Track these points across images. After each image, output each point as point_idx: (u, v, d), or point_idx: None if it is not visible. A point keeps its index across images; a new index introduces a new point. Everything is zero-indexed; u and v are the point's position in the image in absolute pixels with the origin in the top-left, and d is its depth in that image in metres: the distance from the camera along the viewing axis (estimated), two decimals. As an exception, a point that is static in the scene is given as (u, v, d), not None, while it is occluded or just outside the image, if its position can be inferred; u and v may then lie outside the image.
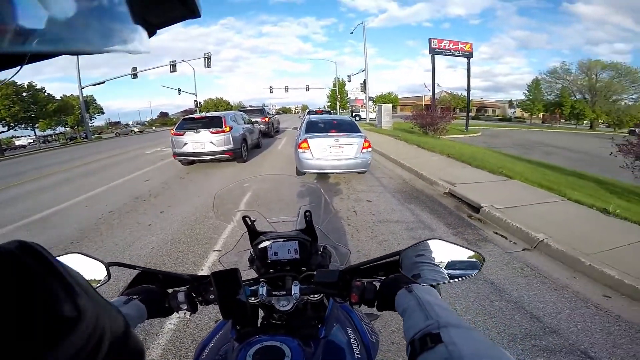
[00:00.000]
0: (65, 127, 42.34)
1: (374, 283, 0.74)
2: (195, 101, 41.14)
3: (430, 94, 27.26)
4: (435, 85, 27.28)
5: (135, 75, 29.50)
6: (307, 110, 21.68)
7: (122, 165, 9.97)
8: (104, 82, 30.86)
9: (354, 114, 33.78)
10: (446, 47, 26.45)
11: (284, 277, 0.85)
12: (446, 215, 4.60)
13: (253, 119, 12.52)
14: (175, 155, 8.24)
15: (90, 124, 35.80)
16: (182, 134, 8.02)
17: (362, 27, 28.36)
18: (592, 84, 45.95)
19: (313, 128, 6.74)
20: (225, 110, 41.70)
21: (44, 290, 0.27)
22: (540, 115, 53.65)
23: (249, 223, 0.93)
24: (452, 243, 0.69)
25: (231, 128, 8.35)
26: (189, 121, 8.51)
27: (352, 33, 31.57)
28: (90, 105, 46.28)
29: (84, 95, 30.98)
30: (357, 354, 0.79)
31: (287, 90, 46.22)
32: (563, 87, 48.72)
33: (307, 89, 47.85)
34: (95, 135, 38.12)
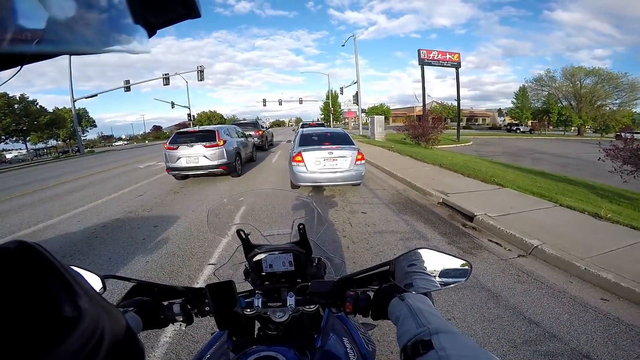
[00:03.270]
0: (57, 141, 41.97)
1: (368, 293, 0.76)
2: (189, 114, 41.19)
3: (421, 104, 27.70)
4: (426, 95, 27.80)
5: (128, 89, 29.53)
6: (301, 123, 21.82)
7: (115, 180, 9.88)
8: (96, 95, 30.92)
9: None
10: (435, 58, 27.02)
11: (279, 289, 0.86)
12: (440, 224, 4.64)
13: (247, 133, 12.53)
14: (169, 169, 8.15)
15: (82, 137, 35.50)
16: (176, 148, 7.94)
17: (353, 39, 28.92)
18: (577, 90, 47.25)
19: (307, 141, 6.76)
20: (218, 123, 41.83)
21: (44, 290, 0.26)
22: (529, 122, 54.82)
23: (243, 236, 0.94)
24: (441, 252, 0.72)
25: (225, 142, 8.32)
26: (183, 135, 8.44)
27: (343, 45, 32.36)
28: (83, 118, 46.04)
29: (77, 108, 30.80)
30: None
31: (280, 103, 46.67)
32: (549, 94, 50.05)
33: (301, 101, 48.33)
34: (88, 148, 37.81)
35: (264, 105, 44.51)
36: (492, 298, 2.78)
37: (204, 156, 7.92)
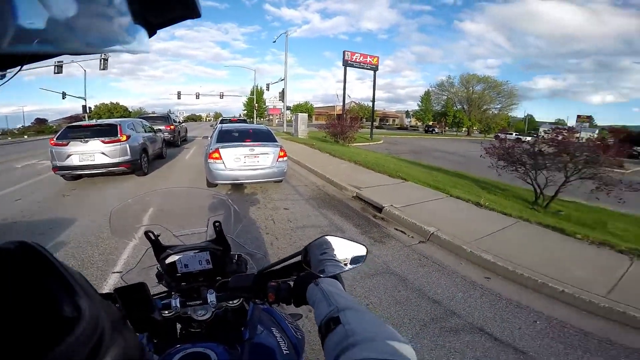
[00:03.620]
0: None
1: (289, 282, 0.81)
2: (84, 106, 35.30)
3: (342, 104, 29.09)
4: (346, 96, 29.30)
5: (2, 77, 23.67)
6: (220, 118, 20.66)
7: (-21, 184, 7.92)
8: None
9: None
10: (357, 60, 28.52)
11: (198, 288, 0.85)
12: (354, 217, 5.03)
13: (156, 127, 11.39)
14: (56, 169, 6.97)
15: None
16: (66, 144, 6.86)
17: (285, 36, 28.60)
18: (469, 95, 55.51)
19: (226, 137, 6.50)
20: (121, 117, 36.83)
21: (44, 290, 0.26)
22: (430, 123, 62.41)
23: (153, 238, 0.90)
24: (344, 238, 0.82)
25: (128, 137, 7.47)
26: (75, 129, 7.35)
27: (274, 42, 31.72)
28: None
29: None
30: (285, 350, 0.83)
31: (197, 96, 43.37)
32: (448, 98, 57.59)
33: (222, 96, 45.69)
34: None
35: (179, 98, 40.99)
36: (401, 282, 3.12)
37: (102, 153, 7.02)
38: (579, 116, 48.05)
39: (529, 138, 9.47)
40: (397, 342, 0.46)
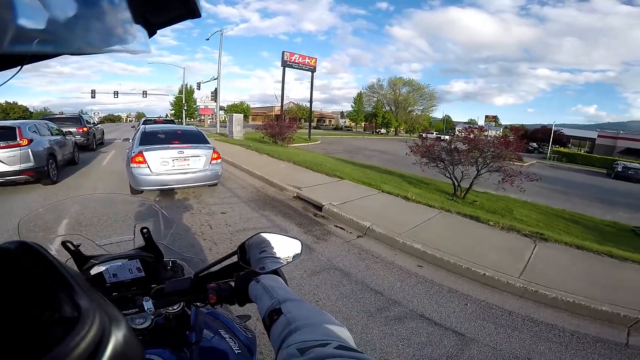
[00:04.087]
0: None
1: (230, 282, 0.81)
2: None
3: (280, 104, 28.95)
4: (285, 96, 29.24)
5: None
6: (144, 119, 18.80)
7: None
8: None
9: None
10: (296, 61, 28.64)
11: (132, 296, 0.81)
12: (296, 216, 5.08)
13: (66, 129, 9.97)
14: None
15: None
16: None
17: (220, 34, 27.15)
18: (396, 97, 59.96)
19: (151, 139, 5.94)
20: (21, 118, 31.26)
21: (44, 291, 0.26)
22: (363, 124, 65.88)
23: (72, 248, 0.84)
24: (279, 234, 0.84)
25: (30, 141, 6.50)
26: None
27: (208, 39, 30.20)
28: None
29: None
30: (236, 350, 0.83)
31: (116, 95, 39.00)
32: (377, 100, 61.47)
33: (145, 94, 41.88)
34: None
35: (93, 97, 36.39)
36: (345, 276, 3.24)
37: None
38: (486, 116, 55.60)
39: (447, 137, 10.64)
40: (333, 325, 0.50)
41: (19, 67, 0.28)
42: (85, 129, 13.11)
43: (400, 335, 2.45)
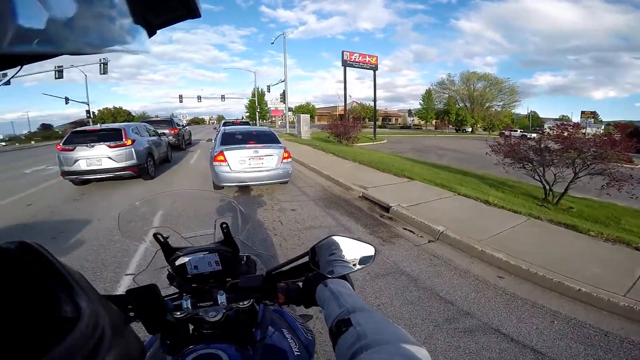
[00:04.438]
0: None
1: (298, 283, 0.82)
2: (88, 111, 35.61)
3: (343, 104, 29.07)
4: (347, 96, 29.29)
5: (7, 82, 23.95)
6: (223, 121, 20.73)
7: (-12, 190, 8.02)
8: (-46, 87, 24.39)
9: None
10: (356, 60, 28.48)
11: (208, 289, 0.85)
12: (362, 216, 5.02)
13: (161, 131, 11.41)
14: (65, 174, 7.02)
15: None
16: (72, 149, 6.88)
17: (283, 38, 28.75)
18: (471, 93, 55.19)
19: (230, 140, 6.53)
20: (125, 121, 37.12)
21: (44, 290, 0.26)
22: (433, 122, 62.15)
23: (162, 240, 0.90)
24: (352, 238, 0.81)
25: (133, 141, 7.51)
26: (81, 134, 7.37)
27: (272, 43, 32.10)
28: None
29: None
30: (296, 351, 0.83)
31: (199, 99, 43.59)
32: (449, 96, 57.37)
33: (223, 98, 45.98)
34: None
35: (180, 101, 41.13)
36: (412, 282, 3.08)
37: (109, 157, 7.04)
38: (583, 112, 47.61)
39: (534, 135, 9.36)
40: (411, 344, 0.45)
41: (19, 67, 0.28)
42: (176, 130, 14.90)
43: (468, 349, 2.24)
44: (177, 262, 0.88)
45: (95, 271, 3.25)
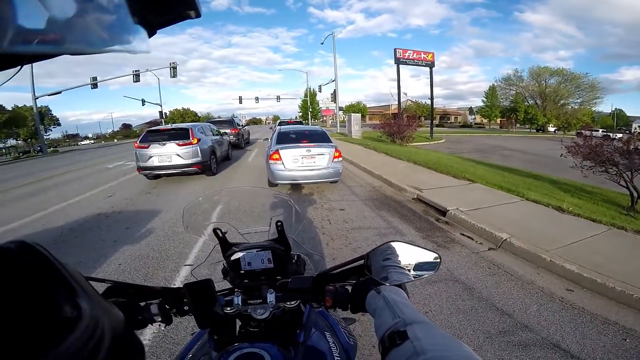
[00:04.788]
0: (17, 140, 39.29)
1: (346, 287, 0.79)
2: (161, 112, 39.81)
3: (397, 103, 28.26)
4: (401, 94, 28.39)
5: (95, 85, 28.06)
6: (279, 121, 21.77)
7: (82, 181, 9.38)
8: (60, 92, 29.14)
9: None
10: (410, 57, 27.55)
11: (259, 286, 0.86)
12: (415, 219, 4.79)
13: (222, 130, 12.23)
14: (140, 169, 7.84)
15: (45, 137, 33.37)
16: (147, 147, 7.66)
17: (332, 37, 29.01)
18: (542, 89, 49.81)
19: (284, 139, 6.69)
20: (192, 121, 40.72)
21: (44, 290, 0.26)
22: (498, 120, 57.28)
23: (220, 235, 0.93)
24: (413, 245, 0.75)
25: (199, 140, 8.10)
26: (154, 133, 8.17)
27: (322, 43, 32.60)
28: (45, 117, 43.32)
29: (39, 105, 28.91)
30: (336, 356, 0.81)
31: (257, 100, 45.99)
32: (517, 93, 52.43)
33: (278, 99, 47.91)
34: (51, 148, 35.60)
35: (240, 102, 43.79)
36: (466, 290, 2.88)
37: (177, 155, 7.70)
38: (681, 110, 39.74)
39: (619, 135, 8.05)
40: None
41: (19, 67, 0.28)
42: (236, 130, 15.91)
43: (520, 363, 2.02)
44: (233, 257, 0.91)
45: (159, 260, 3.57)
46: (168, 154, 7.68)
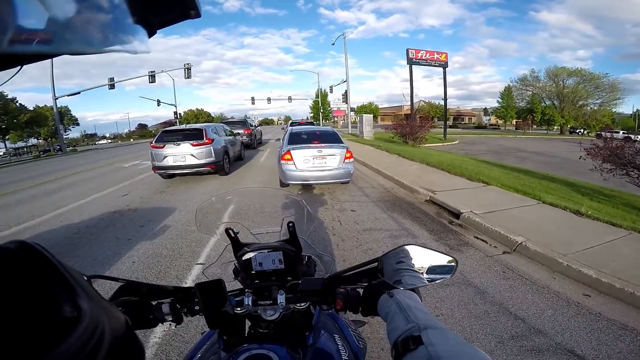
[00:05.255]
0: (38, 139, 40.77)
1: (358, 290, 0.77)
2: (175, 112, 40.52)
3: (409, 103, 27.98)
4: (414, 94, 28.10)
5: (112, 86, 28.81)
6: (290, 121, 22.05)
7: (98, 180, 9.63)
8: (79, 93, 30.05)
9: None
10: (423, 57, 27.26)
11: (269, 287, 0.86)
12: (428, 222, 4.71)
13: (235, 131, 12.39)
14: (155, 168, 8.02)
15: (64, 136, 34.50)
16: (162, 147, 7.80)
17: (343, 38, 29.02)
18: (560, 90, 48.50)
19: (296, 139, 6.72)
20: (205, 122, 41.46)
21: (44, 290, 0.26)
22: (514, 121, 56.07)
23: (232, 235, 0.93)
24: (428, 248, 0.73)
25: (212, 140, 8.22)
26: (169, 133, 8.33)
27: (333, 44, 32.62)
28: (65, 117, 44.75)
29: (59, 106, 29.89)
30: (345, 358, 0.80)
31: (269, 101, 46.30)
32: (533, 93, 51.22)
33: (290, 99, 48.07)
34: (70, 147, 36.77)
35: (252, 103, 44.14)
36: (479, 294, 2.83)
37: (191, 155, 7.82)
38: None
39: (642, 137, 7.76)
40: None
41: (19, 67, 0.27)
42: (249, 130, 16.15)
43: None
44: (244, 257, 0.91)
45: (172, 259, 3.61)
46: (182, 154, 7.80)
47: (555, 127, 50.30)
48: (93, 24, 0.27)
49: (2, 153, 33.80)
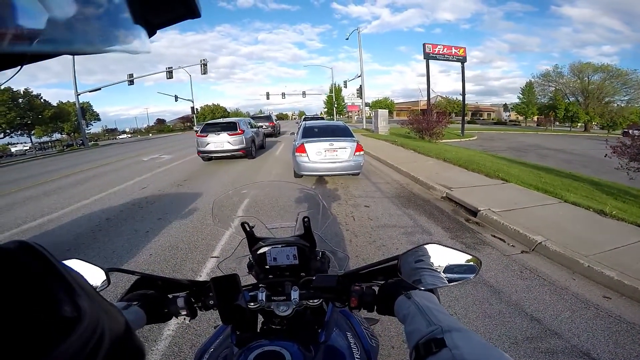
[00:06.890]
0: (61, 134, 42.41)
1: (373, 287, 0.75)
2: (192, 107, 41.17)
3: (426, 98, 27.43)
4: (430, 90, 27.52)
5: (131, 82, 29.55)
6: (304, 116, 23.23)
7: (119, 173, 9.94)
8: (100, 89, 30.93)
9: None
10: (440, 52, 26.57)
11: (283, 283, 0.85)
12: (444, 219, 4.62)
13: (262, 124, 16.67)
14: (200, 152, 10.28)
15: (86, 131, 35.74)
16: (205, 136, 10.08)
17: (357, 33, 28.70)
18: (585, 86, 46.43)
19: (309, 133, 7.07)
20: (221, 116, 42.38)
21: (44, 291, 0.26)
22: (535, 118, 54.22)
23: (248, 229, 0.93)
24: (450, 247, 0.70)
25: (244, 131, 10.51)
26: (211, 125, 10.67)
27: (347, 39, 32.43)
28: (87, 112, 46.27)
29: (81, 101, 30.93)
30: (357, 357, 0.79)
31: (284, 96, 46.50)
32: (556, 89, 49.23)
33: (304, 94, 48.16)
34: (92, 142, 38.07)
35: (267, 98, 44.42)
36: (495, 294, 2.76)
37: (228, 142, 10.12)
38: None
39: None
40: None
41: (19, 67, 0.27)
42: (273, 123, 21.72)
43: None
44: (259, 252, 0.91)
45: (187, 252, 3.68)
46: (221, 141, 10.07)
47: (580, 123, 48.28)
48: (93, 23, 0.27)
49: (28, 147, 35.37)
